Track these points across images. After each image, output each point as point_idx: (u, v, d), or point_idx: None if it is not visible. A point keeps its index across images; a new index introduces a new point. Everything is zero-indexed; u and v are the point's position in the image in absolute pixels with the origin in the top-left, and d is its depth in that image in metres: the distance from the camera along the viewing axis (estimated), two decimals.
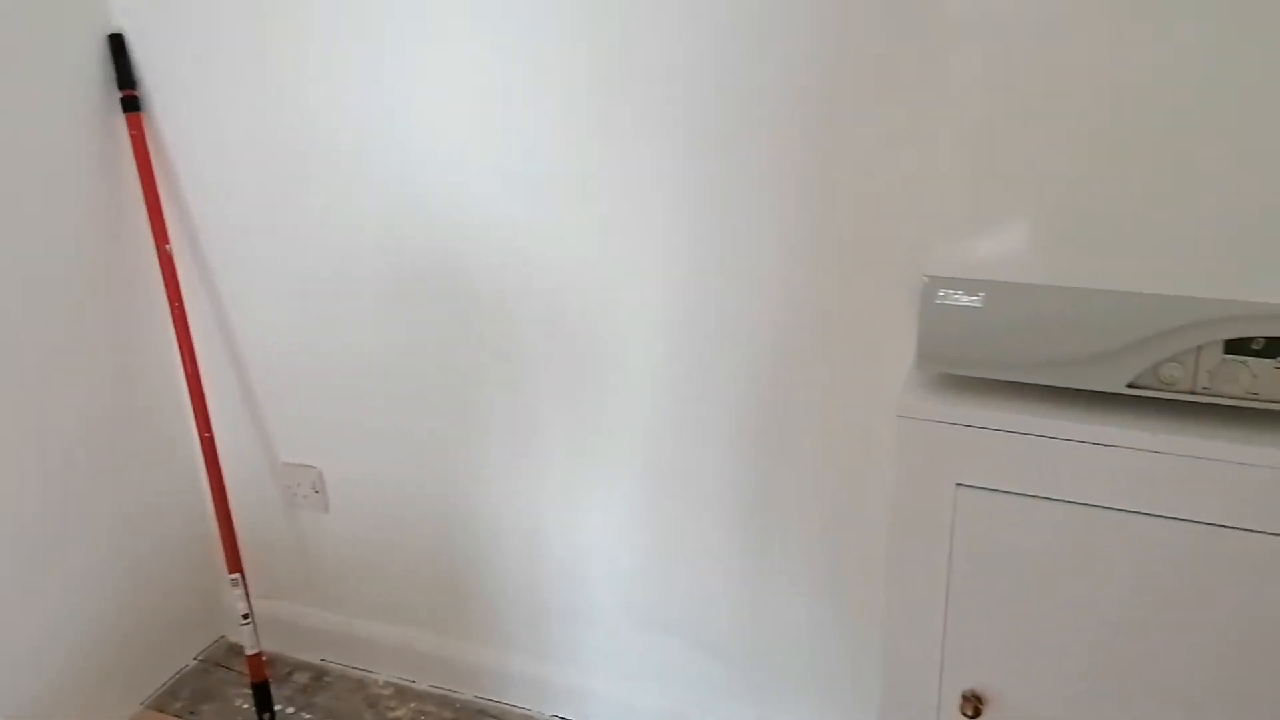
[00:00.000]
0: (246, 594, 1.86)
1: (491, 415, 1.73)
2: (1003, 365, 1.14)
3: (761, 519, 1.62)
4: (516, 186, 1.55)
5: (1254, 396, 1.05)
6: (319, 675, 2.03)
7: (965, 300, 1.14)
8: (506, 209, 1.57)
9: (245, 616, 1.86)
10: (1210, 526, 1.07)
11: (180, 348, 1.80)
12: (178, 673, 2.05)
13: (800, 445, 1.55)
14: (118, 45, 1.71)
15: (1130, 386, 1.09)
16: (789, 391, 1.52)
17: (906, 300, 1.41)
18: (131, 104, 1.73)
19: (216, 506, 1.85)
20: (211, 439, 1.83)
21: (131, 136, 1.74)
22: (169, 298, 1.78)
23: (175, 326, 1.79)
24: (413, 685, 1.99)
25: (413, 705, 1.94)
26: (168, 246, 1.77)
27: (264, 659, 1.90)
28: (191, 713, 1.94)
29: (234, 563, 1.85)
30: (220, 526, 1.85)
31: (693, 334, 1.54)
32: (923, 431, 1.17)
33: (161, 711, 1.94)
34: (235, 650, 2.09)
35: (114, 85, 1.73)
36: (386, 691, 1.98)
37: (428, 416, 1.78)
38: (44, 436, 1.70)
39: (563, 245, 1.56)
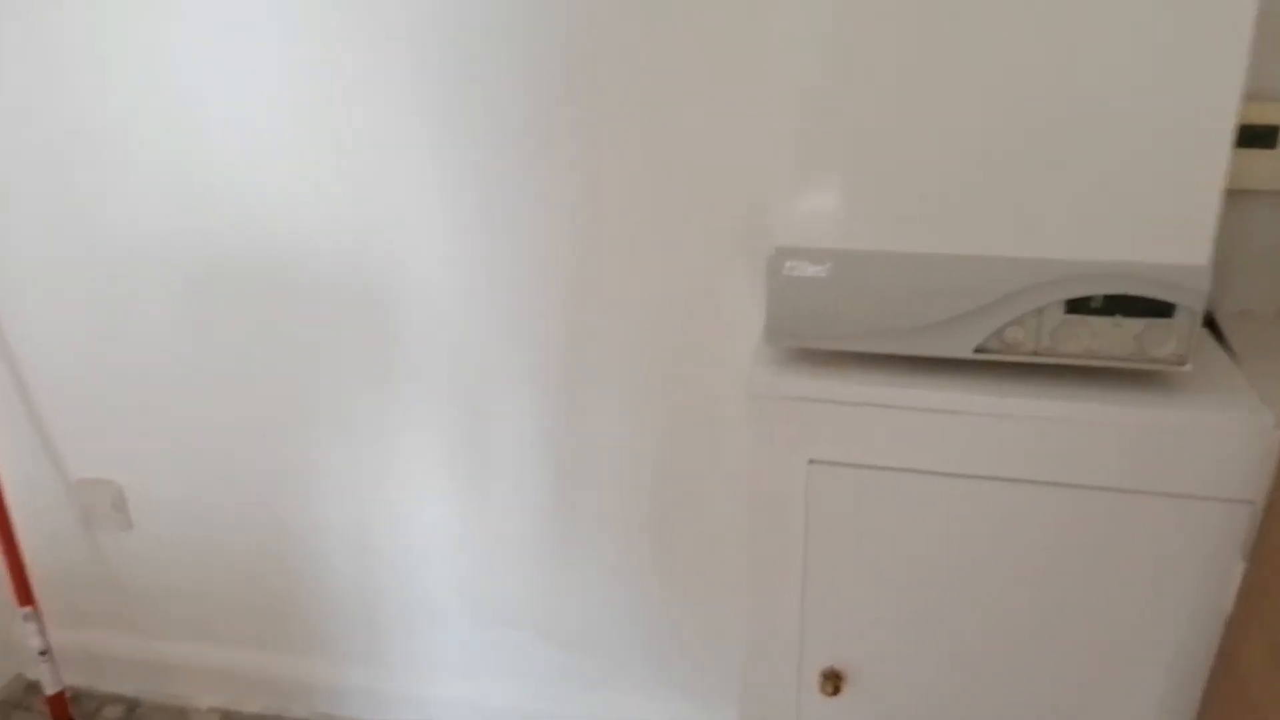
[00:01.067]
0: (42, 628, 1.67)
1: (303, 412, 1.60)
2: (852, 336, 1.11)
3: (593, 500, 1.56)
4: (307, 168, 1.44)
5: (1094, 354, 1.06)
6: (132, 708, 1.86)
7: (812, 271, 1.10)
8: (298, 191, 1.45)
9: (43, 653, 1.67)
10: (1059, 487, 1.08)
11: None
12: None
13: (627, 420, 1.49)
14: None
15: (977, 351, 1.08)
16: (612, 369, 1.47)
17: (750, 270, 1.37)
18: None
19: None
20: None
21: None
22: None
23: None
24: (239, 710, 1.85)
25: None
26: None
27: (68, 696, 1.72)
28: None
29: (24, 595, 1.66)
30: (5, 555, 1.65)
31: (494, 312, 1.46)
32: (774, 409, 1.13)
33: None
34: (35, 688, 1.89)
35: None
36: (211, 719, 1.83)
37: (236, 419, 1.64)
38: None
39: (362, 226, 1.45)
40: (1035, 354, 1.07)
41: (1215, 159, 0.97)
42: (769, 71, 1.24)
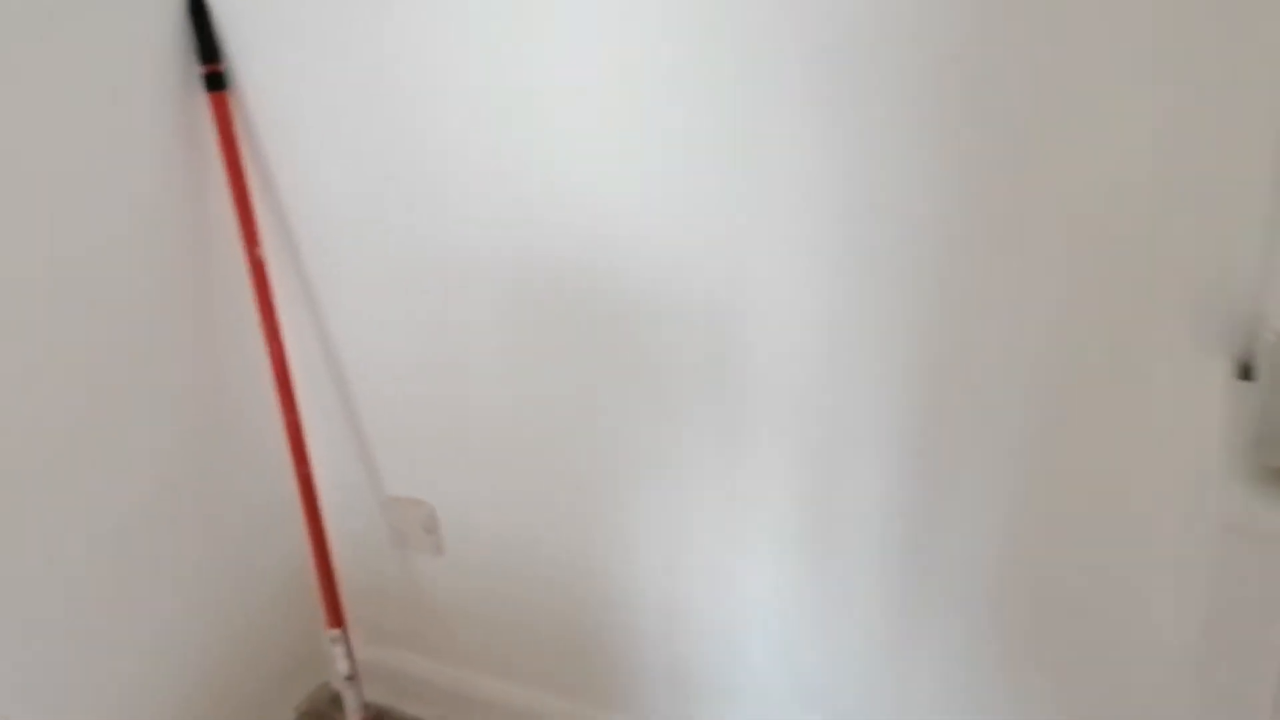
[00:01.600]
0: (349, 651, 1.62)
1: (630, 449, 1.43)
2: None
3: (955, 590, 1.29)
4: (670, 179, 1.24)
5: None
6: None
7: None
8: (658, 206, 1.26)
9: (349, 678, 1.62)
10: None
11: (274, 368, 1.55)
12: None
13: (1002, 506, 1.21)
14: (198, 12, 1.44)
15: None
16: (987, 442, 1.19)
17: (1202, 347, 1.04)
18: (216, 81, 1.46)
19: (314, 549, 1.60)
20: (308, 470, 1.58)
21: (215, 119, 1.47)
22: (260, 310, 1.53)
23: (268, 343, 1.54)
24: None
25: None
26: (258, 250, 1.52)
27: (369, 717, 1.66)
28: None
29: (335, 617, 1.61)
30: (320, 575, 1.60)
31: (854, 357, 1.21)
32: (1258, 550, 0.82)
33: None
34: (339, 701, 1.86)
35: (194, 59, 1.46)
36: None
37: (557, 448, 1.49)
38: (115, 473, 1.47)
39: (724, 253, 1.25)
40: None
41: None
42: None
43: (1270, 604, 0.83)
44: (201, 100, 1.48)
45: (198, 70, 1.46)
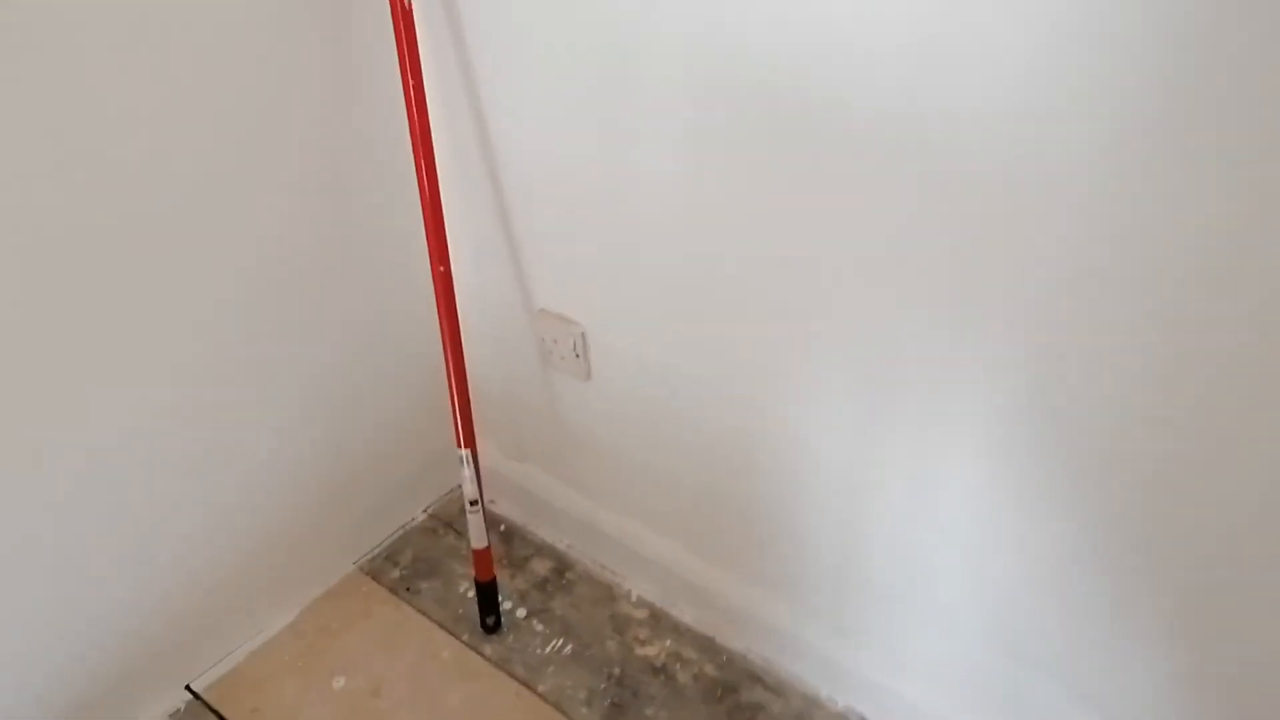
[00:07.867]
0: (478, 475, 1.44)
1: (827, 303, 1.13)
2: None
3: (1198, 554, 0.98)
4: None
5: None
6: (560, 570, 1.63)
7: None
8: (900, 22, 0.91)
9: (473, 504, 1.44)
10: None
11: (414, 142, 1.30)
12: (401, 528, 1.70)
13: None
14: None
15: None
16: None
17: None
18: None
19: (450, 357, 1.39)
20: (447, 268, 1.35)
21: None
22: (403, 71, 1.26)
23: (409, 114, 1.28)
24: (669, 613, 1.54)
25: (668, 643, 1.49)
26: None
27: (492, 553, 1.50)
28: (408, 588, 1.59)
29: (466, 435, 1.41)
30: (452, 385, 1.39)
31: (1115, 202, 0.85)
32: None
33: (375, 580, 1.61)
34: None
35: None
36: (639, 614, 1.54)
37: (735, 287, 1.21)
38: (237, 250, 1.29)
39: (920, 50, 0.89)
40: None
41: None
42: None
43: None
44: None
45: None
